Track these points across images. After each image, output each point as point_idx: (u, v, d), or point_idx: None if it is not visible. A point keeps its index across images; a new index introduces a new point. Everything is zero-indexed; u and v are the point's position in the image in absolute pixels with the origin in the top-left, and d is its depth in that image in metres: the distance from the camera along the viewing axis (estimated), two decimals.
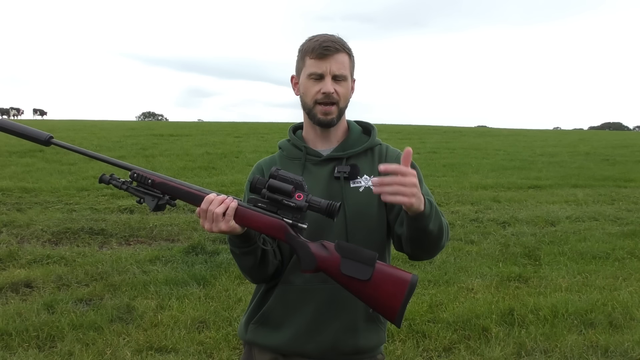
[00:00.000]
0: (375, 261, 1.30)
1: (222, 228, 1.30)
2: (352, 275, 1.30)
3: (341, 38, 1.51)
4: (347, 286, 1.32)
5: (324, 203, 1.31)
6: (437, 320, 3.84)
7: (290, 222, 1.33)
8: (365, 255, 1.31)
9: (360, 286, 1.30)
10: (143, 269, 4.90)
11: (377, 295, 1.30)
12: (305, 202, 1.31)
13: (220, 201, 1.31)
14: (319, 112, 1.49)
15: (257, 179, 1.33)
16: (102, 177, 1.37)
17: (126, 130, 24.09)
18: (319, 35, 1.50)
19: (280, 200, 1.31)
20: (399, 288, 1.29)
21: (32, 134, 1.36)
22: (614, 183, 11.66)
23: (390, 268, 1.32)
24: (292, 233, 1.33)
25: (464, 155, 17.16)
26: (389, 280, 1.29)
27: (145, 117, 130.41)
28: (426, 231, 1.35)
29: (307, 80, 1.49)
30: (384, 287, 1.29)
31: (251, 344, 1.56)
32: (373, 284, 1.29)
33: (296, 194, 1.31)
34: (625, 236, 6.56)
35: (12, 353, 3.26)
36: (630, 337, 3.57)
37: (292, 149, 1.59)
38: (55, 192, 8.45)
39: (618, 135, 36.62)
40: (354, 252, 1.31)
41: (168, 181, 1.37)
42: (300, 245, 1.33)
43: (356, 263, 1.30)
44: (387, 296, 1.29)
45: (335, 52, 1.46)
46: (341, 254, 1.31)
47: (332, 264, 1.31)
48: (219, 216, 1.29)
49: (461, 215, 7.68)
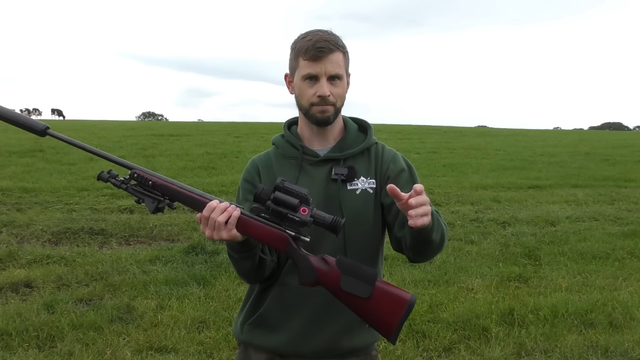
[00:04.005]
0: (375, 279, 1.30)
1: (223, 236, 1.29)
2: (352, 292, 1.30)
3: (334, 34, 1.47)
4: (345, 302, 1.33)
5: (328, 218, 1.30)
6: (437, 320, 3.84)
7: (293, 235, 1.32)
8: (366, 273, 1.31)
9: (359, 303, 1.30)
10: (143, 269, 4.89)
11: (375, 313, 1.30)
12: (310, 216, 1.29)
13: (222, 209, 1.29)
14: (316, 112, 1.47)
15: (262, 189, 1.31)
16: (101, 174, 1.33)
17: (126, 130, 24.09)
18: (312, 34, 1.46)
19: (285, 213, 1.30)
20: (397, 308, 1.29)
21: (28, 123, 1.33)
22: (614, 183, 11.66)
23: (390, 287, 1.32)
24: (294, 246, 1.32)
25: (464, 155, 17.15)
26: (388, 299, 1.30)
27: (145, 117, 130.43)
28: (429, 241, 1.36)
29: (302, 82, 1.47)
30: (382, 306, 1.30)
31: (247, 344, 1.56)
32: (372, 301, 1.30)
33: (301, 208, 1.29)
34: (625, 236, 6.56)
35: (12, 353, 3.26)
36: (630, 337, 3.57)
37: (288, 147, 1.56)
38: (55, 192, 8.45)
39: (618, 135, 36.63)
40: (355, 269, 1.31)
41: (169, 184, 1.34)
42: (302, 258, 1.32)
43: (356, 280, 1.30)
44: (385, 314, 1.30)
45: (330, 52, 1.43)
46: (342, 270, 1.31)
47: (332, 279, 1.31)
48: (221, 224, 1.28)
49: (461, 215, 7.68)
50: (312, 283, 1.33)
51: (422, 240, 1.35)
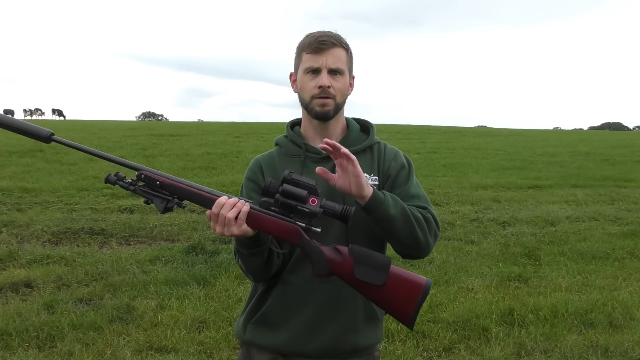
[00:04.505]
0: (389, 266, 1.30)
1: (234, 232, 1.29)
2: (366, 281, 1.30)
3: (338, 34, 1.51)
4: (360, 290, 1.32)
5: (338, 208, 1.30)
6: (437, 320, 3.84)
7: (304, 226, 1.31)
8: (380, 260, 1.31)
9: (375, 291, 1.30)
10: (143, 269, 4.89)
11: (391, 299, 1.30)
12: (320, 207, 1.29)
13: (231, 205, 1.29)
14: (315, 105, 1.48)
15: (270, 183, 1.31)
16: (108, 177, 1.33)
17: (126, 130, 24.09)
18: (316, 32, 1.50)
19: (295, 205, 1.29)
20: (413, 293, 1.30)
21: (33, 130, 1.32)
22: (614, 183, 11.66)
23: (405, 273, 1.32)
24: (306, 237, 1.32)
25: (464, 155, 17.16)
26: (403, 285, 1.30)
27: (145, 117, 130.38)
28: (389, 219, 1.35)
29: (304, 75, 1.49)
30: (398, 292, 1.30)
31: (249, 344, 1.56)
32: (387, 288, 1.30)
33: (310, 199, 1.29)
34: (625, 236, 6.56)
35: (12, 353, 3.26)
36: (630, 337, 3.57)
37: (291, 145, 1.57)
38: (55, 192, 8.45)
39: (618, 135, 36.63)
40: (368, 256, 1.31)
41: (177, 183, 1.34)
42: (314, 249, 1.32)
43: (370, 268, 1.30)
44: (401, 301, 1.30)
45: (332, 46, 1.46)
46: (355, 259, 1.31)
47: (346, 269, 1.31)
48: (231, 220, 1.28)
49: (461, 215, 7.68)
50: (326, 274, 1.32)
51: (380, 219, 1.35)
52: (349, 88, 1.54)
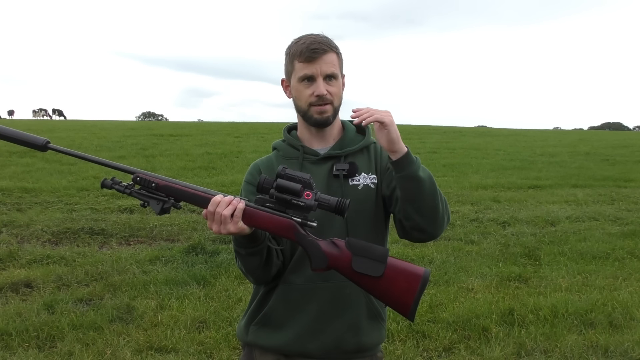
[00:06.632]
0: (387, 257, 1.30)
1: (230, 230, 1.29)
2: (364, 272, 1.30)
3: (326, 37, 1.51)
4: (359, 283, 1.33)
5: (333, 200, 1.30)
6: (437, 320, 3.84)
7: (300, 221, 1.32)
8: (377, 252, 1.31)
9: (373, 283, 1.30)
10: (143, 269, 4.90)
11: (390, 291, 1.30)
12: (315, 200, 1.30)
13: (227, 203, 1.30)
14: (314, 113, 1.49)
15: (264, 179, 1.32)
16: (104, 181, 1.34)
17: (126, 130, 24.07)
18: (305, 37, 1.50)
19: (289, 200, 1.30)
20: (412, 284, 1.29)
21: (28, 139, 1.34)
22: (614, 183, 11.66)
23: (403, 263, 1.32)
24: (302, 232, 1.32)
25: (464, 155, 17.15)
26: (402, 276, 1.30)
27: (145, 117, 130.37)
28: (418, 179, 1.36)
29: (299, 84, 1.49)
30: (396, 283, 1.30)
31: (252, 346, 1.55)
32: (385, 280, 1.30)
33: (305, 192, 1.30)
34: (625, 236, 6.56)
35: (12, 353, 3.26)
36: (630, 337, 3.57)
37: (289, 148, 1.58)
38: (55, 192, 8.45)
39: (618, 135, 36.61)
40: (365, 249, 1.31)
41: (172, 184, 1.35)
42: (311, 244, 1.32)
43: (368, 260, 1.30)
44: (400, 292, 1.30)
45: (324, 52, 1.46)
46: (352, 251, 1.31)
47: (344, 262, 1.31)
48: (226, 218, 1.28)
49: (461, 215, 7.68)
50: (324, 268, 1.33)
51: (408, 178, 1.36)
52: (342, 88, 1.55)
